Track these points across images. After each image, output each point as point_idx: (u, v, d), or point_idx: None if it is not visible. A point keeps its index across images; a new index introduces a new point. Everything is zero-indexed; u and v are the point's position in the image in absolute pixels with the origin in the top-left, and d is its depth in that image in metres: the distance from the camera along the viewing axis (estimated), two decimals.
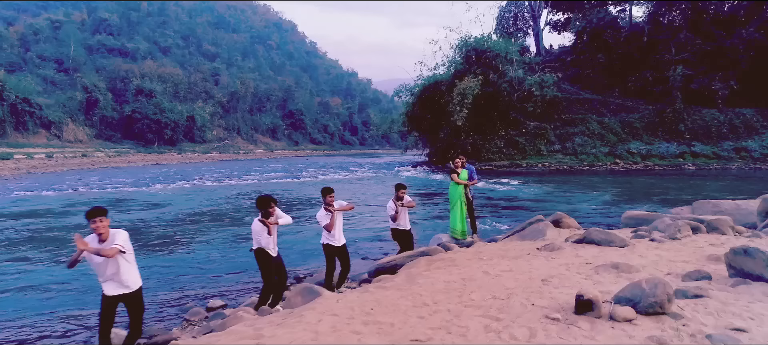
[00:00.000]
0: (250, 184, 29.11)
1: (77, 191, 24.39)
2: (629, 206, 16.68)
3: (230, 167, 48.36)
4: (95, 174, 38.92)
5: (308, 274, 8.94)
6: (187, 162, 65.55)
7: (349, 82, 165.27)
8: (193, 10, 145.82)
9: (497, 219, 15.28)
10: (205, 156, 79.26)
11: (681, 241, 7.18)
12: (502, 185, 26.62)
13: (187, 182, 29.62)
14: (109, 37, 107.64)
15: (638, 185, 25.74)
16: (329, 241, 7.02)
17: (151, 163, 59.75)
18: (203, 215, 15.99)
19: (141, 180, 32.19)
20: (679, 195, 20.23)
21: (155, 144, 79.94)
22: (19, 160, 50.99)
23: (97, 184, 28.66)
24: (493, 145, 42.80)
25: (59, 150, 63.12)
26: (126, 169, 46.66)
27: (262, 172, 41.32)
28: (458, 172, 10.12)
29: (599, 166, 39.57)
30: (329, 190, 6.98)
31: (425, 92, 46.29)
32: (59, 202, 19.52)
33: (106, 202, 19.67)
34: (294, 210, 16.99)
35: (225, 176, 35.03)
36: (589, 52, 46.52)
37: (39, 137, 67.31)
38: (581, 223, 12.99)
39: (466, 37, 45.74)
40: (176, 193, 23.14)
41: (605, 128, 42.61)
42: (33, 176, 36.38)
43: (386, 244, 11.10)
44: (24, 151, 57.15)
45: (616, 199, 19.64)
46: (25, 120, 65.21)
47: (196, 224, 14.54)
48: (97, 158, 61.25)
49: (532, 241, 7.53)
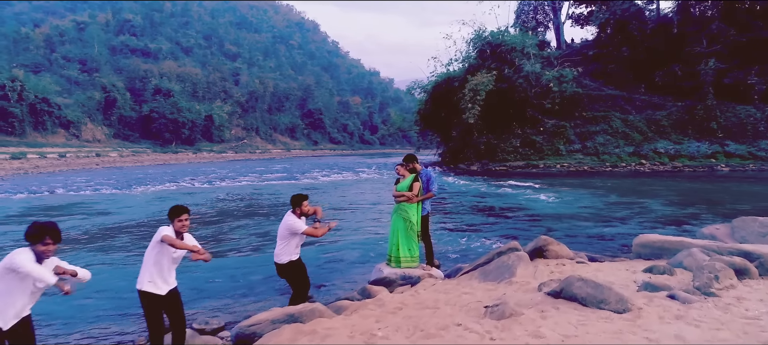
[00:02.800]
0: (239, 186, 27.60)
1: (53, 193, 23.25)
2: (652, 216, 14.48)
3: (235, 168, 47.16)
4: (93, 174, 38.14)
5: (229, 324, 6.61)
6: (198, 162, 64.89)
7: (370, 81, 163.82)
8: (215, 11, 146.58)
9: (496, 230, 13.32)
10: (219, 156, 78.71)
11: (721, 298, 4.61)
12: (512, 188, 24.51)
13: (173, 184, 28.28)
14: (132, 37, 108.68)
15: (666, 188, 23.26)
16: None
17: (159, 163, 59.13)
18: (136, 226, 14.25)
19: (130, 181, 31.06)
20: (714, 202, 17.86)
21: (173, 143, 79.82)
22: (29, 159, 50.91)
23: (81, 185, 27.53)
24: (508, 144, 40.47)
25: (76, 149, 63.28)
26: (128, 169, 45.97)
27: (264, 172, 39.84)
28: (399, 181, 7.27)
29: (623, 167, 36.86)
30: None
31: (437, 89, 44.29)
32: (17, 207, 18.29)
33: (48, 207, 18.40)
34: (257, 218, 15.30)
35: (220, 178, 33.64)
36: (613, 45, 43.63)
37: (57, 137, 67.75)
38: (586, 242, 11.05)
39: (481, 31, 43.51)
40: (142, 197, 21.69)
41: (630, 126, 39.76)
42: (25, 177, 35.75)
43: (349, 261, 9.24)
44: (40, 150, 57.34)
45: (638, 205, 17.34)
46: (43, 120, 65.67)
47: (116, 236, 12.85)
48: (106, 158, 60.99)
49: (494, 283, 5.46)
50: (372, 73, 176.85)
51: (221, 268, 8.84)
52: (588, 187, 24.02)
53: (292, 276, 5.74)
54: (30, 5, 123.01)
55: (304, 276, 5.84)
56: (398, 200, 7.06)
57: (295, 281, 5.77)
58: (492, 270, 5.81)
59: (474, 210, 17.17)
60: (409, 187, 7.05)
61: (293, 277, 5.74)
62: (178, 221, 4.31)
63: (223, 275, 8.31)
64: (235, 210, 17.17)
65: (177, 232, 4.30)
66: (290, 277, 5.75)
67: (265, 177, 34.58)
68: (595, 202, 18.32)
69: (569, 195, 20.39)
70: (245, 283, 7.64)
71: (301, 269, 5.81)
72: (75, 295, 4.06)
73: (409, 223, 6.95)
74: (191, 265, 8.76)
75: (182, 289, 7.08)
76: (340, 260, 9.46)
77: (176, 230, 4.30)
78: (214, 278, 8.14)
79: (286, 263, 5.66)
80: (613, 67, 42.96)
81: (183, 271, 8.27)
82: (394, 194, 7.17)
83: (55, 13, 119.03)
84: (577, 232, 12.36)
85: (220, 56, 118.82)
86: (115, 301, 6.90)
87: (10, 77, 61.65)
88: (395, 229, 7.06)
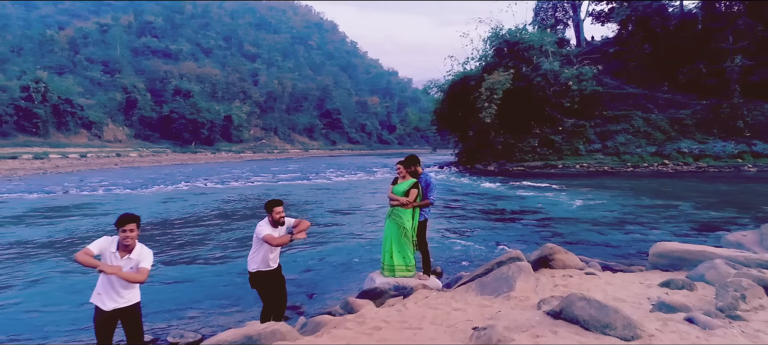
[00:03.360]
0: (251, 187, 27.44)
1: (67, 194, 23.40)
2: (673, 220, 13.79)
3: (251, 168, 47.18)
4: (110, 174, 38.44)
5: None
6: (215, 162, 65.20)
7: (389, 81, 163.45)
8: (235, 12, 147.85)
9: (507, 234, 12.84)
10: (237, 156, 79.12)
11: (748, 322, 3.99)
12: (528, 190, 23.92)
13: (186, 184, 28.24)
14: (153, 39, 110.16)
15: (689, 190, 22.44)
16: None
17: (177, 163, 59.54)
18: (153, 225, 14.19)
19: (144, 181, 31.21)
20: (740, 205, 17.08)
21: (192, 143, 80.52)
22: (50, 159, 51.76)
23: (95, 185, 27.69)
24: (525, 144, 39.72)
25: (98, 149, 64.21)
26: (145, 169, 46.25)
27: (278, 172, 39.74)
28: (397, 181, 6.80)
29: (644, 168, 35.84)
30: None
31: (454, 88, 43.72)
32: (22, 207, 18.37)
33: (54, 208, 18.42)
34: None
35: (234, 178, 33.58)
36: (635, 42, 42.47)
37: (80, 137, 68.88)
38: (602, 247, 10.49)
39: (498, 29, 42.81)
40: (151, 198, 21.66)
41: (652, 125, 38.68)
42: (44, 176, 36.20)
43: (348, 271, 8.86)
44: (62, 150, 58.31)
45: (659, 208, 16.66)
46: (66, 120, 66.81)
47: None
48: (126, 158, 61.70)
49: (491, 297, 4.96)
50: (390, 73, 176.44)
51: (221, 273, 8.56)
52: (608, 189, 23.31)
53: (261, 288, 5.27)
54: (55, 8, 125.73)
55: (277, 290, 5.32)
56: (393, 204, 6.59)
57: (265, 294, 5.29)
58: (490, 282, 5.28)
59: (486, 212, 16.68)
60: (406, 192, 6.56)
61: (262, 289, 5.28)
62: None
63: (216, 281, 8.01)
64: (240, 211, 16.93)
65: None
66: (259, 288, 5.28)
67: (278, 177, 34.45)
68: (614, 204, 17.67)
69: (588, 197, 19.74)
70: (235, 292, 7.30)
71: (274, 282, 5.29)
72: None
73: (403, 229, 6.50)
74: (183, 272, 8.62)
75: (167, 296, 6.86)
76: (341, 264, 9.08)
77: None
78: (207, 284, 7.86)
79: (254, 272, 5.22)
80: (635, 64, 41.85)
81: (172, 279, 8.29)
82: (389, 195, 6.71)
83: (79, 15, 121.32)
84: (593, 236, 11.83)
85: (240, 57, 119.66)
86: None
87: (34, 79, 62.89)
88: (388, 235, 6.62)
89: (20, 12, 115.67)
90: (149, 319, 6.21)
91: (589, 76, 39.16)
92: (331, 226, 13.87)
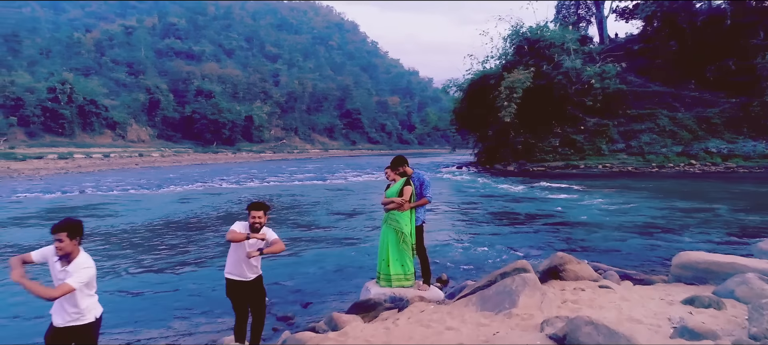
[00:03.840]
0: (266, 187, 27.37)
1: (83, 193, 23.62)
2: (700, 224, 13.04)
3: (269, 168, 47.29)
4: (130, 174, 38.95)
5: None
6: (235, 162, 65.68)
7: (409, 81, 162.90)
8: (257, 13, 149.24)
9: (523, 239, 12.34)
10: (257, 156, 79.59)
11: None
12: (548, 191, 23.27)
13: (202, 184, 28.32)
14: (176, 40, 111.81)
15: (718, 191, 21.52)
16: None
17: (197, 163, 60.12)
18: (137, 229, 13.89)
19: (161, 181, 31.43)
20: None
21: (213, 143, 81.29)
22: (74, 159, 52.68)
23: (113, 185, 27.96)
24: (546, 143, 38.87)
25: (121, 149, 65.26)
26: (165, 169, 46.77)
27: (295, 172, 39.66)
28: (389, 187, 6.31)
29: (670, 168, 34.72)
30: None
31: (473, 87, 43.09)
32: (34, 207, 18.48)
33: (66, 208, 18.46)
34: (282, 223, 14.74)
35: (250, 178, 33.61)
36: (660, 39, 41.20)
37: (105, 137, 70.15)
38: (622, 254, 9.85)
39: (518, 27, 42.00)
40: (164, 198, 21.67)
41: (678, 124, 37.45)
42: (65, 176, 36.80)
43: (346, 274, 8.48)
44: (87, 150, 59.41)
45: (685, 211, 15.92)
46: (91, 121, 68.11)
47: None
48: (148, 158, 62.49)
49: (491, 313, 4.48)
50: (411, 73, 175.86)
51: (216, 278, 8.26)
52: (631, 190, 22.52)
53: (233, 299, 4.67)
54: (83, 11, 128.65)
55: (252, 305, 4.67)
56: (388, 208, 6.13)
57: (236, 307, 4.70)
58: (491, 296, 4.78)
59: (503, 215, 16.16)
60: (399, 192, 6.09)
61: (233, 300, 4.67)
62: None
63: (204, 288, 7.70)
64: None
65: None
66: (231, 298, 4.68)
67: (294, 177, 34.34)
68: (637, 206, 16.96)
69: (610, 199, 19.04)
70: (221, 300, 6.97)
71: (247, 295, 4.62)
72: None
73: (401, 235, 6.03)
74: (166, 280, 8.32)
75: (146, 305, 6.56)
76: (344, 270, 8.71)
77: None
78: (195, 290, 7.57)
79: (226, 278, 4.64)
80: (660, 62, 40.59)
81: (166, 286, 7.84)
82: (383, 201, 6.24)
83: (105, 18, 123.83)
84: (614, 241, 11.26)
85: (261, 58, 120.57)
86: None
87: (61, 80, 64.19)
88: (385, 242, 6.14)
89: (49, 15, 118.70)
90: (122, 327, 5.97)
91: (613, 73, 38.15)
92: (337, 229, 13.53)
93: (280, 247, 4.46)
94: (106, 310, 3.83)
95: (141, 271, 8.88)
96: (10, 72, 67.22)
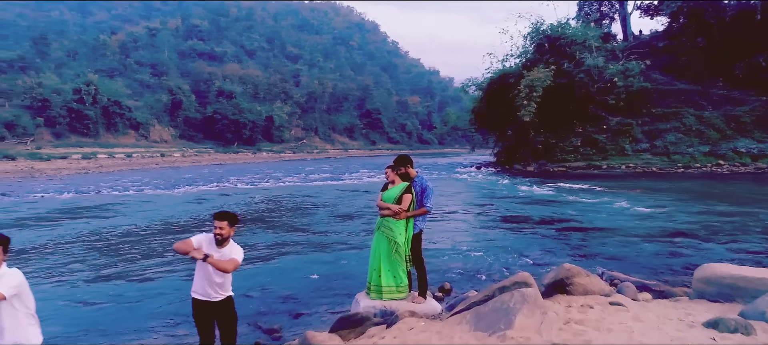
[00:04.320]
0: (281, 187, 27.19)
1: (99, 193, 23.79)
2: (728, 231, 12.27)
3: (286, 168, 47.28)
4: (149, 174, 39.26)
5: None
6: (254, 162, 65.96)
7: (430, 81, 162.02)
8: (278, 14, 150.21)
9: (537, 245, 11.85)
10: (277, 156, 79.90)
11: None
12: (568, 193, 22.60)
13: (217, 185, 28.34)
14: (199, 42, 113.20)
15: (747, 193, 20.64)
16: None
17: (216, 163, 60.51)
18: (138, 231, 13.70)
19: (179, 181, 31.59)
20: None
21: (234, 143, 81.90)
22: (97, 159, 53.53)
23: (129, 185, 28.14)
24: (567, 143, 38.01)
25: (144, 149, 66.17)
26: (184, 169, 47.14)
27: (311, 172, 39.50)
28: (387, 187, 5.85)
29: (697, 169, 33.59)
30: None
31: (492, 86, 42.40)
32: (45, 207, 18.59)
33: (78, 208, 18.50)
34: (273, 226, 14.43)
35: (266, 178, 33.55)
36: (687, 35, 39.94)
37: (128, 138, 71.28)
38: (642, 261, 9.25)
39: (539, 24, 41.18)
40: (177, 198, 21.66)
41: (705, 123, 36.23)
42: (85, 176, 37.29)
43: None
44: (110, 150, 60.37)
45: (713, 214, 15.17)
46: (115, 121, 69.29)
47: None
48: (168, 158, 63.18)
49: (484, 334, 3.98)
50: (432, 73, 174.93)
51: None
52: (656, 192, 21.73)
53: (197, 320, 4.14)
54: (109, 14, 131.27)
55: (220, 328, 4.13)
56: (382, 213, 5.65)
57: (200, 329, 4.14)
58: (486, 314, 4.28)
59: (518, 218, 15.63)
60: (398, 198, 5.61)
61: (197, 322, 4.15)
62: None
63: None
64: (252, 215, 16.45)
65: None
66: (196, 320, 4.15)
67: (310, 178, 34.19)
68: (661, 209, 16.25)
69: (633, 201, 18.32)
70: None
71: (214, 317, 4.10)
72: None
73: (394, 244, 5.57)
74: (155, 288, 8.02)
75: (122, 315, 6.28)
76: (344, 277, 8.35)
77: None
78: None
79: (192, 299, 4.12)
80: (687, 59, 39.35)
81: (151, 295, 7.41)
82: (378, 204, 5.77)
83: (130, 20, 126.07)
84: (634, 247, 10.70)
85: (282, 58, 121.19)
86: None
87: (86, 81, 65.42)
88: (377, 251, 5.69)
89: (77, 18, 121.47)
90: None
91: (637, 71, 37.14)
92: (342, 232, 13.17)
93: (222, 265, 3.82)
94: (68, 320, 3.55)
95: (135, 277, 8.68)
96: (38, 74, 68.88)
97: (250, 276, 8.24)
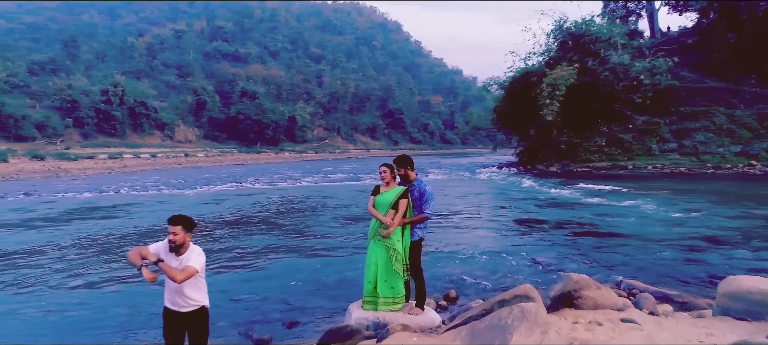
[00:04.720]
0: (299, 187, 27.12)
1: (118, 193, 24.05)
2: (759, 237, 11.56)
3: (306, 167, 47.33)
4: (170, 174, 39.71)
5: None
6: (276, 161, 66.34)
7: (453, 80, 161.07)
8: (301, 15, 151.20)
9: (555, 249, 11.43)
10: (299, 156, 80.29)
11: None
12: (591, 194, 21.93)
13: (235, 184, 28.42)
14: (224, 43, 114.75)
15: None
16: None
17: (238, 163, 61.02)
18: (140, 232, 13.59)
19: (198, 181, 31.79)
20: None
21: (257, 144, 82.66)
22: (123, 159, 54.51)
23: (149, 185, 28.48)
24: (591, 143, 37.07)
25: (169, 149, 67.24)
26: (206, 169, 47.58)
27: (331, 172, 39.41)
28: (379, 190, 5.45)
29: (727, 169, 32.32)
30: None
31: (514, 85, 41.65)
32: (63, 207, 18.79)
33: (93, 207, 18.65)
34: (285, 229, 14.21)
35: (285, 178, 33.57)
36: (717, 31, 38.53)
37: (154, 138, 72.62)
38: (659, 270, 8.52)
39: (562, 21, 40.28)
40: (194, 198, 21.73)
41: (736, 122, 34.88)
42: (109, 175, 37.89)
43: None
44: (136, 150, 61.53)
45: (742, 218, 14.42)
46: (141, 122, 70.69)
47: None
48: (192, 158, 63.99)
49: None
50: (454, 72, 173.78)
51: (218, 285, 7.83)
52: (683, 193, 20.86)
53: (165, 331, 3.89)
54: (137, 17, 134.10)
55: (190, 337, 3.83)
56: (393, 221, 5.15)
57: (165, 338, 3.89)
58: (483, 330, 3.95)
59: (537, 221, 15.15)
60: (394, 203, 5.19)
61: (166, 333, 3.89)
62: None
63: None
64: (261, 217, 16.25)
65: None
66: (164, 331, 3.90)
67: (329, 178, 34.09)
68: (689, 212, 15.50)
69: (658, 202, 17.61)
70: (222, 311, 6.49)
71: (184, 329, 3.83)
72: None
73: (393, 253, 5.16)
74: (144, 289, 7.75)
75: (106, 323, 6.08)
76: (344, 282, 8.03)
77: None
78: None
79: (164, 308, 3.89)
80: (717, 56, 37.97)
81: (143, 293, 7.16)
82: (370, 211, 5.34)
83: (157, 22, 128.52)
84: (656, 253, 10.16)
85: (305, 59, 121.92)
86: None
87: (113, 83, 66.90)
88: (373, 260, 5.27)
89: (106, 21, 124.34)
90: None
91: (664, 69, 35.98)
92: (350, 234, 12.90)
93: (172, 273, 3.54)
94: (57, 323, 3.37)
95: (134, 278, 8.55)
96: (68, 76, 70.73)
97: (249, 280, 8.08)
